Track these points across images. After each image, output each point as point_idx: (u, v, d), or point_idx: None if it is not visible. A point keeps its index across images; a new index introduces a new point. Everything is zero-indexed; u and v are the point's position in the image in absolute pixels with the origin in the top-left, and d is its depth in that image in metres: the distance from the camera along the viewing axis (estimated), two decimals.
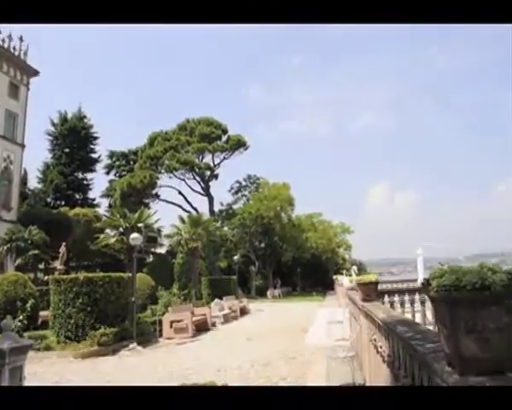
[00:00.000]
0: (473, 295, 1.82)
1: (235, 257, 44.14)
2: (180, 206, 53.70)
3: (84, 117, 55.93)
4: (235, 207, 57.62)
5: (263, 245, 55.69)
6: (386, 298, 12.13)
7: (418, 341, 3.01)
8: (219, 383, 9.82)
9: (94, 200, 56.87)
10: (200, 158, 53.14)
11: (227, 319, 24.28)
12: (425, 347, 2.69)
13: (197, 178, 53.01)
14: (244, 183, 60.24)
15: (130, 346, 15.63)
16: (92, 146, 56.74)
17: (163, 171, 51.70)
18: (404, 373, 3.83)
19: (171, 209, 54.72)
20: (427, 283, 2.04)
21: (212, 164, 53.34)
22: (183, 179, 52.93)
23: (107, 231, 28.90)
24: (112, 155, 60.02)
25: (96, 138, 56.97)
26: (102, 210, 53.93)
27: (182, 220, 33.65)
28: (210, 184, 53.75)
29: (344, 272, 26.65)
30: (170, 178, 52.49)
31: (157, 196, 54.43)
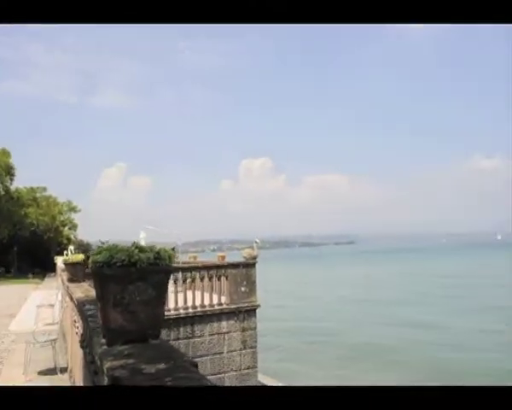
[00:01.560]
0: (122, 271, 1.98)
1: None
2: None
3: None
4: None
5: None
6: None
7: (95, 318, 3.10)
8: None
9: None
10: None
11: None
12: (96, 323, 2.79)
13: None
14: None
15: None
16: None
17: None
18: (88, 350, 3.89)
19: None
20: (87, 259, 2.11)
21: None
22: None
23: None
24: None
25: None
26: None
27: None
28: None
29: (65, 252, 25.19)
30: None
31: None
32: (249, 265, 14.71)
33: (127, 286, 1.99)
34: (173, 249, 2.15)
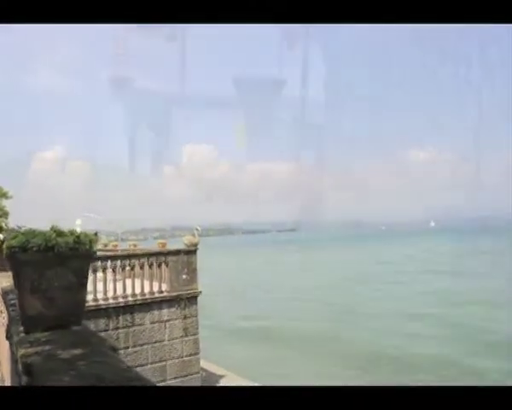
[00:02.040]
0: (38, 257, 1.91)
1: None
2: None
3: None
4: None
5: None
6: None
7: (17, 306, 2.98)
8: None
9: None
10: None
11: None
12: (17, 311, 2.69)
13: None
14: None
15: None
16: None
17: None
18: (12, 341, 3.74)
19: None
20: (1, 244, 2.03)
21: None
22: None
23: None
24: None
25: None
26: None
27: None
28: None
29: None
30: None
31: None
32: (190, 252, 14.60)
33: (45, 272, 1.93)
34: (96, 234, 2.10)
